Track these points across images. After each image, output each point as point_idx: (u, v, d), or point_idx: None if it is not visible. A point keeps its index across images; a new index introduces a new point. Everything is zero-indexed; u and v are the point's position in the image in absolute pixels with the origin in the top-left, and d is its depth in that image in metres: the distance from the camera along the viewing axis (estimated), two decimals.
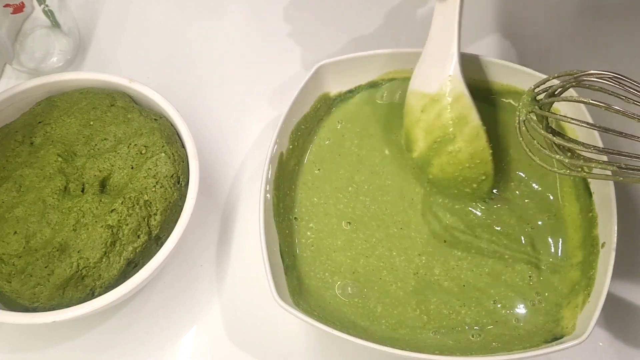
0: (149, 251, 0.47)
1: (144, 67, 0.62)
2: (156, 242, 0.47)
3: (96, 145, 0.49)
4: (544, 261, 0.48)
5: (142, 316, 0.50)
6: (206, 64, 0.62)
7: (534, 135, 0.42)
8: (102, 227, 0.45)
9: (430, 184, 0.52)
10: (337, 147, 0.54)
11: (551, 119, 0.43)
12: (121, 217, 0.46)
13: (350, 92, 0.55)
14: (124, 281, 0.44)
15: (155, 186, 0.47)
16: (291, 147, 0.52)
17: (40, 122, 0.50)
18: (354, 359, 0.48)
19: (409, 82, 0.52)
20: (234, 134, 0.58)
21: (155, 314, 0.50)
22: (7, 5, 0.54)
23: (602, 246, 0.46)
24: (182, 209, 0.47)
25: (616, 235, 0.44)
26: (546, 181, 0.51)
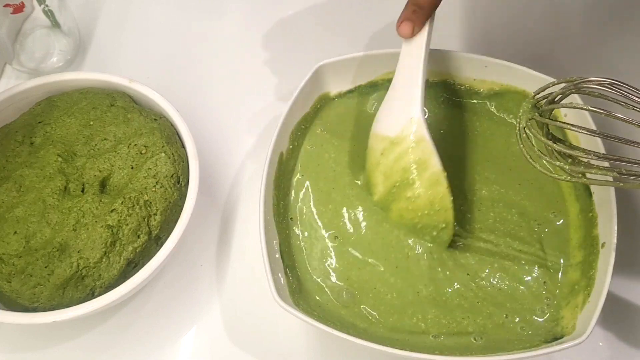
0: (149, 251, 0.47)
1: (144, 67, 0.62)
2: (156, 242, 0.47)
3: (96, 145, 0.49)
4: (545, 269, 0.48)
5: (142, 316, 0.50)
6: (206, 64, 0.62)
7: (535, 142, 0.41)
8: (102, 227, 0.45)
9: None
10: (317, 156, 0.53)
11: (552, 125, 0.42)
12: (121, 217, 0.45)
13: (350, 92, 0.55)
14: (124, 281, 0.44)
15: (155, 186, 0.47)
16: (291, 147, 0.52)
17: (40, 122, 0.50)
18: (354, 359, 0.48)
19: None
20: (234, 134, 0.58)
21: (155, 314, 0.50)
22: (7, 5, 0.54)
23: (602, 246, 0.46)
24: (182, 209, 0.47)
25: (616, 235, 0.44)
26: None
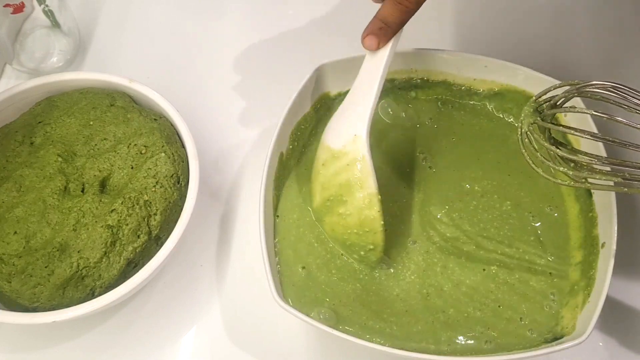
0: (149, 251, 0.47)
1: (144, 67, 0.62)
2: (156, 242, 0.47)
3: (96, 145, 0.49)
4: (545, 265, 0.48)
5: (142, 316, 0.50)
6: (206, 64, 0.62)
7: (537, 146, 0.41)
8: (102, 227, 0.45)
9: None
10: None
11: (554, 130, 0.42)
12: (121, 217, 0.45)
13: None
14: (124, 281, 0.44)
15: (155, 186, 0.47)
16: (291, 147, 0.52)
17: (40, 122, 0.50)
18: (354, 359, 0.48)
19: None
20: (234, 134, 0.58)
21: (155, 314, 0.50)
22: (7, 5, 0.54)
23: (602, 246, 0.46)
24: (182, 209, 0.47)
25: (616, 235, 0.44)
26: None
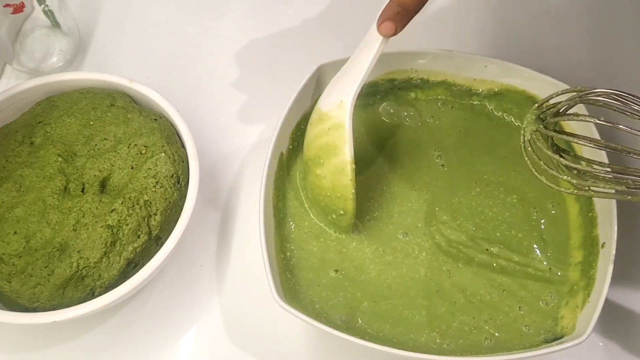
0: (149, 251, 0.47)
1: (144, 67, 0.62)
2: (156, 242, 0.47)
3: (96, 145, 0.49)
4: (546, 265, 0.48)
5: (142, 316, 0.50)
6: (206, 64, 0.62)
7: (540, 154, 0.41)
8: (102, 227, 0.45)
9: None
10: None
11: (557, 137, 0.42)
12: (121, 217, 0.45)
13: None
14: (124, 281, 0.44)
15: (155, 186, 0.47)
16: (291, 147, 0.52)
17: (40, 122, 0.50)
18: (354, 359, 0.48)
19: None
20: (234, 134, 0.58)
21: (155, 314, 0.50)
22: (7, 5, 0.54)
23: (602, 246, 0.46)
24: (182, 209, 0.47)
25: (616, 235, 0.44)
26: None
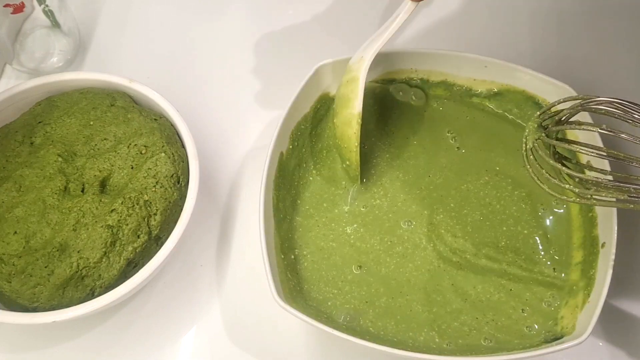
0: (149, 251, 0.47)
1: (144, 67, 0.62)
2: (156, 242, 0.47)
3: (96, 145, 0.49)
4: (547, 264, 0.48)
5: (142, 316, 0.50)
6: (206, 64, 0.62)
7: (542, 163, 0.41)
8: (102, 227, 0.45)
9: None
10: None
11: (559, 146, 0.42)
12: (121, 217, 0.45)
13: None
14: (124, 281, 0.44)
15: (155, 186, 0.47)
16: (291, 147, 0.52)
17: (40, 122, 0.50)
18: (354, 359, 0.48)
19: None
20: (234, 134, 0.58)
21: (155, 314, 0.50)
22: (7, 5, 0.54)
23: (602, 246, 0.46)
24: (182, 209, 0.47)
25: (616, 235, 0.44)
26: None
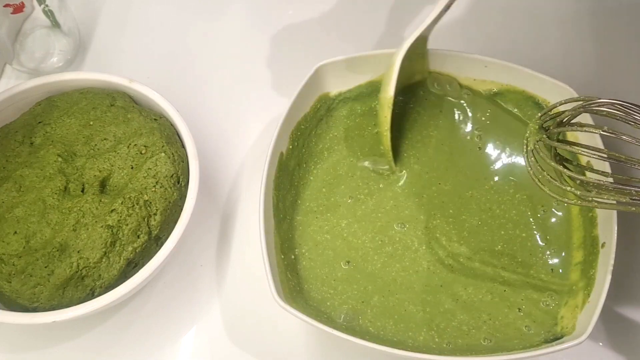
0: (149, 251, 0.47)
1: (144, 67, 0.62)
2: (156, 242, 0.47)
3: (96, 145, 0.49)
4: (547, 264, 0.48)
5: (142, 316, 0.50)
6: (206, 64, 0.62)
7: (543, 164, 0.41)
8: (102, 227, 0.45)
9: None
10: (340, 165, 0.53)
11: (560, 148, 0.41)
12: (121, 217, 0.45)
13: (349, 92, 0.55)
14: (124, 281, 0.44)
15: (155, 186, 0.47)
16: (291, 147, 0.52)
17: (40, 122, 0.50)
18: (354, 359, 0.48)
19: None
20: (234, 134, 0.58)
21: (155, 314, 0.50)
22: (7, 5, 0.54)
23: (602, 246, 0.46)
24: (182, 209, 0.47)
25: (616, 235, 0.44)
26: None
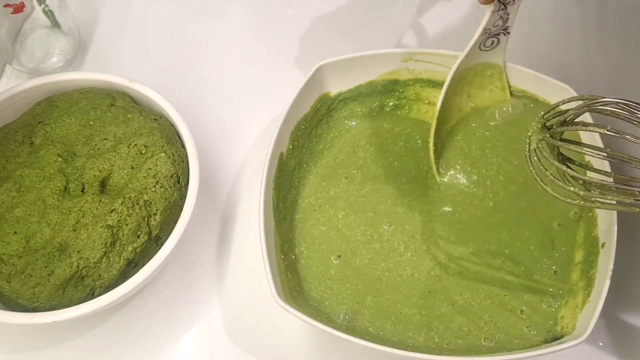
0: (149, 251, 0.47)
1: (144, 67, 0.62)
2: (156, 242, 0.47)
3: (96, 145, 0.49)
4: (547, 264, 0.48)
5: (142, 316, 0.50)
6: (206, 64, 0.62)
7: (546, 165, 0.41)
8: (102, 227, 0.45)
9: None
10: (344, 168, 0.53)
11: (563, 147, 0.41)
12: (121, 217, 0.45)
13: (350, 90, 0.55)
14: (124, 281, 0.44)
15: (155, 186, 0.47)
16: (291, 147, 0.52)
17: (40, 122, 0.50)
18: (354, 359, 0.48)
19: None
20: (234, 134, 0.58)
21: (155, 314, 0.50)
22: (7, 5, 0.54)
23: (602, 246, 0.46)
24: (182, 209, 0.47)
25: (616, 235, 0.44)
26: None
